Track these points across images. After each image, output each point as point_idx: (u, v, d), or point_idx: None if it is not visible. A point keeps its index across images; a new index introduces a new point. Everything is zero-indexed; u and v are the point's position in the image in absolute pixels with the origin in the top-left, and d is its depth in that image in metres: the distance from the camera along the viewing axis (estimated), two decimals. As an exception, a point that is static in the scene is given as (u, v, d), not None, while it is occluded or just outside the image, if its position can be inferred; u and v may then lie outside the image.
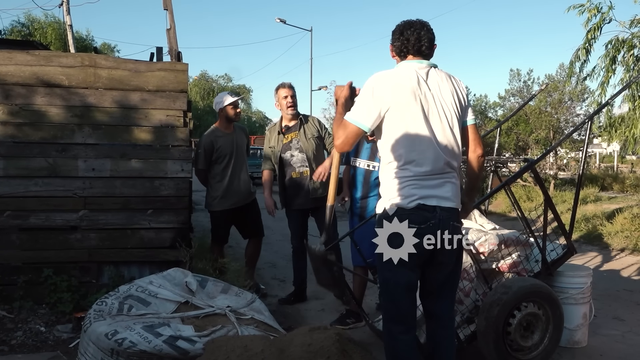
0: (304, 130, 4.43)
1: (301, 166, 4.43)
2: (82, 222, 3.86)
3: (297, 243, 4.60)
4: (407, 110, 2.29)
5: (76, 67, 3.81)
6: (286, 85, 4.47)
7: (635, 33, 7.36)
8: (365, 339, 3.67)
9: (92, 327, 2.72)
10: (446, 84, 2.39)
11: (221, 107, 4.53)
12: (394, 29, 2.47)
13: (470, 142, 2.46)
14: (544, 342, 3.15)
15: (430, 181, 2.28)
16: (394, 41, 2.46)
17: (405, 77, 2.33)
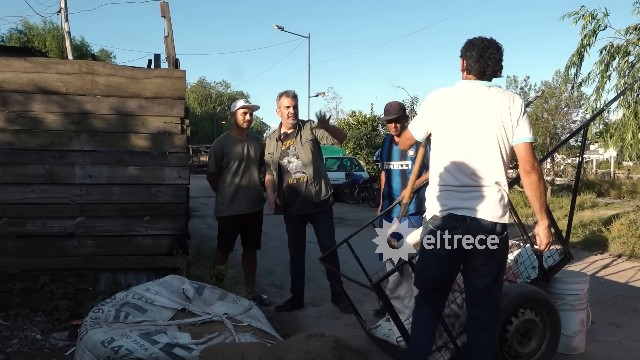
0: (300, 136, 4.44)
1: (297, 172, 4.43)
2: (78, 229, 3.85)
3: (295, 249, 4.62)
4: (444, 129, 2.56)
5: (74, 74, 3.81)
6: (290, 95, 4.46)
7: (630, 40, 7.42)
8: (363, 346, 3.67)
9: (88, 335, 2.71)
10: (493, 104, 2.49)
11: (232, 111, 4.60)
12: (463, 45, 2.62)
13: (518, 161, 2.52)
14: (542, 348, 3.15)
15: (462, 194, 2.50)
16: (461, 56, 2.62)
17: (451, 98, 2.57)
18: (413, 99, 24.34)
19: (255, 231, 4.71)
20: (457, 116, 2.52)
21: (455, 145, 2.53)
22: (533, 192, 2.50)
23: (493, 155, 2.49)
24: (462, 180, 2.50)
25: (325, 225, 4.48)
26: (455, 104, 2.54)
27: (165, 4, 4.37)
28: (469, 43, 2.59)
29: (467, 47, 2.59)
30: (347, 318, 4.23)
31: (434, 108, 2.61)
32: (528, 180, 2.49)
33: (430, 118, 2.63)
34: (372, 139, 22.33)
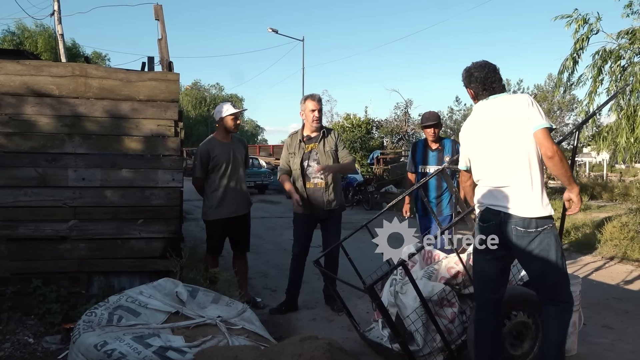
0: (324, 144, 4.55)
1: (315, 177, 4.54)
2: (71, 232, 3.84)
3: (299, 250, 4.65)
4: (474, 144, 2.92)
5: (67, 76, 3.80)
6: (315, 99, 4.57)
7: (622, 44, 7.47)
8: (357, 349, 3.67)
9: (81, 338, 2.70)
10: (503, 109, 2.78)
11: (221, 116, 4.55)
12: (464, 77, 2.95)
13: (539, 148, 2.68)
14: (534, 350, 3.17)
15: (495, 192, 2.78)
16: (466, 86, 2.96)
17: (473, 122, 2.93)
18: (407, 102, 24.42)
19: (244, 233, 4.71)
20: (482, 133, 2.85)
21: (482, 155, 2.87)
22: (558, 171, 2.67)
23: (516, 154, 2.71)
24: (494, 181, 2.79)
25: (332, 230, 4.58)
26: (478, 124, 2.88)
27: (159, 7, 4.38)
28: (470, 75, 2.90)
29: (469, 79, 2.91)
30: (341, 321, 4.23)
31: (466, 138, 2.99)
32: (551, 164, 2.65)
33: (465, 148, 3.00)
34: (367, 142, 22.35)
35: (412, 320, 3.14)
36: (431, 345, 3.14)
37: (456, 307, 3.22)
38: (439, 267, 3.44)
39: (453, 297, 3.23)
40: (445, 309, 3.20)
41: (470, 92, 2.95)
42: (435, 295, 3.17)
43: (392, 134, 24.58)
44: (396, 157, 21.33)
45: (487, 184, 2.84)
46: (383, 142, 24.50)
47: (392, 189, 16.06)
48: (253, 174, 19.29)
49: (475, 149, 2.91)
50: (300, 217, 4.66)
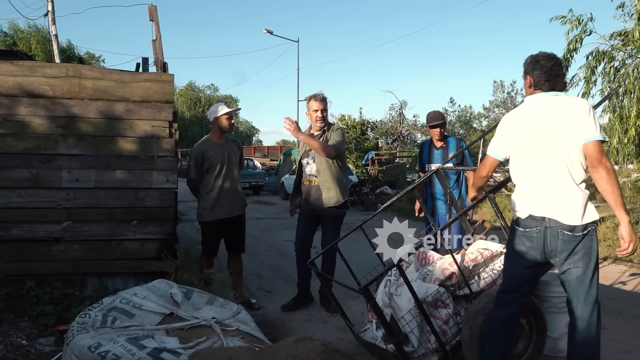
0: (322, 140, 4.54)
1: (310, 175, 4.61)
2: (65, 233, 3.83)
3: (299, 245, 4.71)
4: (521, 139, 2.76)
5: (61, 77, 3.79)
6: (318, 98, 4.57)
7: (615, 45, 7.53)
8: (352, 350, 3.67)
9: (75, 340, 2.68)
10: (560, 112, 2.66)
11: (215, 116, 4.53)
12: (528, 62, 2.80)
13: (587, 159, 2.61)
14: (528, 351, 3.18)
15: (539, 198, 2.68)
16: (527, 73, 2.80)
17: (524, 115, 2.78)
18: (402, 103, 24.48)
19: (239, 234, 4.71)
20: (531, 130, 2.72)
21: (534, 156, 2.72)
22: (602, 187, 2.57)
23: (568, 159, 2.63)
24: (538, 186, 2.70)
25: (329, 230, 4.57)
26: (529, 119, 2.75)
27: (154, 8, 4.37)
28: (536, 61, 2.77)
29: (533, 66, 2.77)
30: (336, 322, 4.24)
31: (511, 128, 2.83)
32: (596, 175, 2.58)
33: (509, 138, 2.84)
34: (361, 142, 22.40)
35: (407, 321, 3.15)
36: (425, 346, 3.15)
37: (450, 309, 3.23)
38: (434, 269, 3.45)
39: (447, 298, 3.24)
40: (439, 310, 3.21)
41: (528, 80, 2.80)
42: (429, 297, 3.18)
43: (386, 135, 24.64)
44: (391, 158, 21.38)
45: (529, 188, 2.74)
46: (378, 143, 24.56)
47: (387, 190, 16.09)
48: (248, 175, 19.29)
49: (521, 145, 2.77)
50: (301, 213, 4.78)
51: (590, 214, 2.64)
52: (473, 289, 3.33)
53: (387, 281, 3.55)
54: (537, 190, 2.71)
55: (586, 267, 2.68)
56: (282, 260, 7.01)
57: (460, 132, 24.72)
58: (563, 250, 2.65)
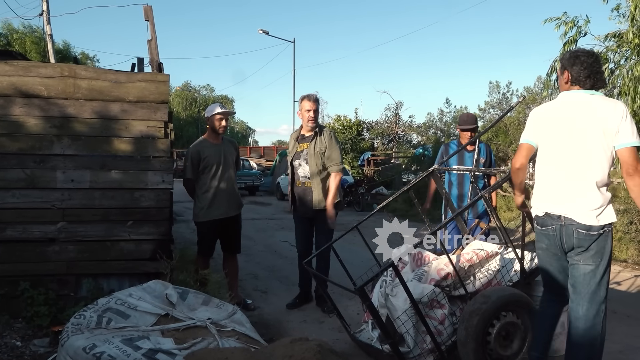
0: (315, 144, 4.55)
1: (304, 177, 4.62)
2: (60, 234, 3.81)
3: (302, 248, 4.75)
4: (546, 137, 2.77)
5: (55, 77, 3.78)
6: (311, 99, 4.59)
7: (610, 47, 7.55)
8: (347, 350, 3.68)
9: (69, 341, 2.67)
10: (597, 112, 2.63)
11: (208, 116, 4.56)
12: (567, 58, 2.79)
13: (621, 165, 2.62)
14: (523, 350, 3.19)
15: (558, 196, 2.72)
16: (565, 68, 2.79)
17: (558, 110, 2.76)
18: (397, 104, 24.49)
19: (235, 235, 4.70)
20: (563, 126, 2.70)
21: (559, 153, 2.72)
22: (637, 194, 2.59)
23: (594, 160, 2.63)
24: (559, 184, 2.72)
25: (323, 230, 4.60)
26: (562, 115, 2.73)
27: (149, 8, 4.36)
28: (576, 57, 2.75)
29: (573, 61, 2.74)
30: (332, 322, 4.24)
31: (542, 120, 2.81)
32: (631, 183, 2.59)
33: (539, 129, 2.82)
34: (357, 143, 22.39)
35: (403, 322, 3.15)
36: (421, 347, 3.15)
37: (446, 309, 3.24)
38: (429, 269, 3.45)
39: (443, 298, 3.25)
40: (435, 310, 3.21)
41: (566, 75, 2.77)
42: (425, 297, 3.18)
43: (382, 136, 24.65)
44: (387, 159, 21.39)
45: (549, 185, 2.76)
46: (374, 143, 24.56)
47: (382, 191, 16.09)
48: (244, 176, 19.27)
49: (549, 140, 2.76)
50: (295, 217, 4.80)
51: (609, 215, 2.67)
52: (468, 290, 3.34)
53: (383, 282, 3.55)
54: (557, 188, 2.73)
55: (596, 266, 2.70)
56: (278, 261, 7.01)
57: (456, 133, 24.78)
58: (577, 247, 2.70)
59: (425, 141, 21.78)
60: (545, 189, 2.79)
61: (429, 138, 21.24)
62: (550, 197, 2.75)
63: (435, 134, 21.57)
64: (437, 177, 4.25)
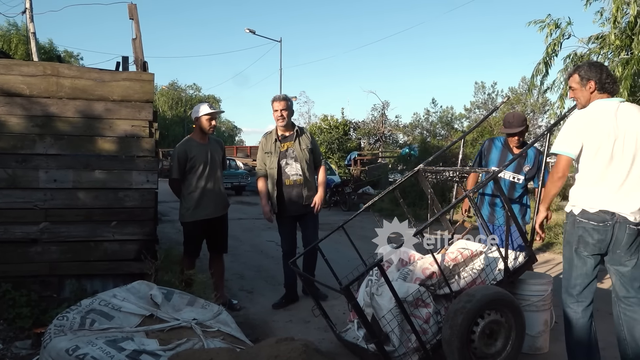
0: (299, 142, 4.72)
1: (295, 174, 4.71)
2: (43, 234, 3.76)
3: (287, 247, 4.80)
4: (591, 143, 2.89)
5: (38, 76, 3.73)
6: (278, 99, 4.71)
7: (593, 49, 7.66)
8: (333, 350, 3.69)
9: (52, 343, 2.64)
10: (632, 117, 2.88)
11: (196, 116, 4.53)
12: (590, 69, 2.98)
13: None
14: (507, 349, 3.21)
15: (613, 194, 2.88)
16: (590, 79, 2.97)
17: (597, 117, 2.91)
18: (384, 104, 24.59)
19: (221, 235, 4.69)
20: (609, 131, 2.86)
21: (609, 156, 2.88)
22: None
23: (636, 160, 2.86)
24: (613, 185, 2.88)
25: (311, 225, 4.78)
26: (601, 121, 2.89)
27: (133, 6, 4.33)
28: (601, 68, 2.99)
29: (600, 70, 2.97)
30: (318, 322, 4.23)
31: (585, 130, 2.92)
32: None
33: (583, 138, 2.92)
34: (344, 143, 22.46)
35: (388, 321, 3.16)
36: (406, 345, 3.17)
37: (431, 308, 3.25)
38: (414, 268, 3.47)
39: (428, 297, 3.27)
40: (420, 309, 3.23)
41: (590, 86, 2.97)
42: (410, 296, 3.20)
43: (369, 136, 24.74)
44: (373, 159, 21.47)
45: (603, 185, 2.90)
46: (360, 143, 24.64)
47: (369, 190, 16.15)
48: (230, 175, 19.19)
49: (599, 146, 2.89)
50: (280, 217, 4.83)
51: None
52: (453, 288, 3.36)
53: (369, 281, 3.57)
54: (611, 188, 2.88)
55: (637, 259, 2.94)
56: (264, 261, 7.00)
57: (442, 133, 24.94)
58: (626, 243, 2.88)
59: (411, 141, 21.91)
60: (597, 188, 2.92)
61: (415, 138, 21.37)
62: (604, 195, 2.89)
63: (422, 134, 21.72)
64: (423, 177, 4.26)
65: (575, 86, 3.06)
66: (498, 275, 3.52)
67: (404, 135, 24.81)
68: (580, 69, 3.02)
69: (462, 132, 16.53)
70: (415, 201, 10.79)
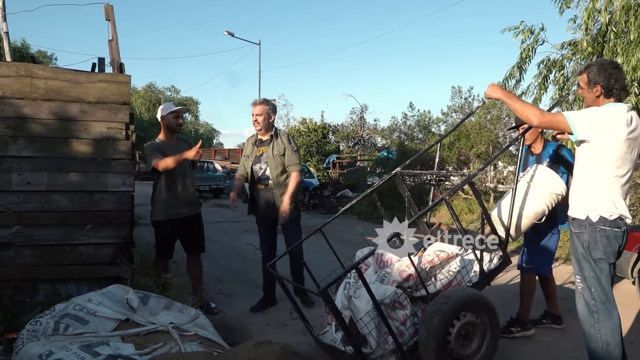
0: (272, 147, 4.69)
1: (265, 179, 4.72)
2: (15, 238, 3.69)
3: (266, 249, 4.83)
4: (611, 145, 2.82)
5: (11, 76, 3.66)
6: (253, 104, 4.75)
7: (566, 54, 7.84)
8: (311, 352, 3.69)
9: (24, 349, 2.60)
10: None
11: (163, 114, 4.50)
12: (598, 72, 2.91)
13: None
14: (482, 349, 3.26)
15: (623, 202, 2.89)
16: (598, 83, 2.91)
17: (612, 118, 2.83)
18: (363, 107, 24.72)
19: (197, 234, 4.68)
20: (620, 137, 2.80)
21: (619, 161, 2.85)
22: None
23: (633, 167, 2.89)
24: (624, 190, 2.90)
25: (291, 230, 4.73)
26: (617, 126, 2.81)
27: (110, 7, 4.28)
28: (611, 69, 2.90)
29: (609, 75, 2.89)
30: (295, 325, 4.24)
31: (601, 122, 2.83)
32: None
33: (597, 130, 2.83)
34: (323, 146, 22.50)
35: (365, 323, 3.18)
36: (384, 347, 3.19)
37: (408, 310, 3.29)
38: (391, 271, 3.50)
39: (405, 299, 3.30)
40: (397, 311, 3.26)
41: (597, 89, 2.92)
42: (387, 298, 3.23)
43: (348, 139, 24.83)
44: (352, 162, 21.55)
45: (619, 190, 2.88)
46: (339, 146, 24.71)
47: (347, 193, 16.21)
48: (208, 178, 19.06)
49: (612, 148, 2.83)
50: (258, 220, 4.87)
51: None
52: (430, 290, 3.40)
53: (347, 283, 3.58)
54: (621, 194, 2.89)
55: None
56: (242, 264, 6.97)
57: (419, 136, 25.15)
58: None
59: (389, 144, 22.03)
60: (614, 194, 2.88)
61: (393, 141, 21.50)
62: (619, 201, 2.88)
63: (399, 137, 21.86)
64: (400, 180, 4.30)
65: (582, 86, 3.01)
66: (473, 278, 3.58)
67: (382, 139, 24.94)
68: (590, 71, 2.94)
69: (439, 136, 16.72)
70: (393, 204, 10.85)
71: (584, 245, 2.94)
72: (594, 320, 2.92)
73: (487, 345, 3.28)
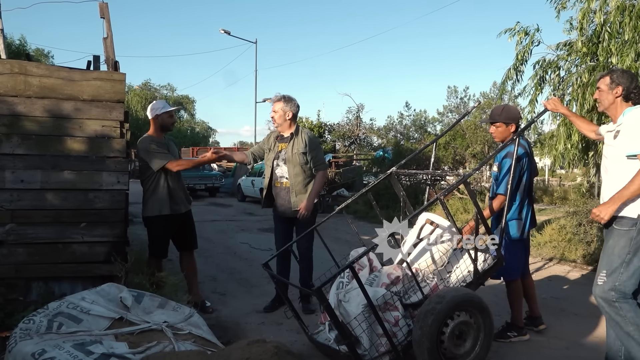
0: (293, 144, 4.61)
1: (282, 177, 4.67)
2: (8, 236, 3.67)
3: (280, 247, 4.66)
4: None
5: (5, 74, 3.64)
6: (272, 101, 4.73)
7: (561, 55, 7.86)
8: (305, 351, 3.69)
9: (17, 347, 2.59)
10: None
11: (158, 113, 4.49)
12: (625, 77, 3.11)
13: None
14: (476, 349, 3.27)
15: None
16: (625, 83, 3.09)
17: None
18: (359, 107, 24.73)
19: (190, 231, 4.68)
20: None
21: None
22: None
23: None
24: None
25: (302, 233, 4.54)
26: None
27: (105, 5, 4.26)
28: (633, 75, 3.11)
29: (631, 79, 3.10)
30: (290, 324, 4.24)
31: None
32: None
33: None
34: (319, 145, 22.47)
35: (359, 323, 3.19)
36: (377, 347, 3.20)
37: (399, 311, 3.29)
38: (380, 274, 3.51)
39: (396, 301, 3.30)
40: (389, 312, 3.26)
41: (617, 90, 3.10)
42: (380, 298, 3.23)
43: (344, 138, 24.84)
44: (348, 161, 21.55)
45: None
46: (335, 145, 24.72)
47: (344, 193, 16.20)
48: (204, 177, 19.01)
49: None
50: (275, 217, 4.83)
51: None
52: (425, 292, 3.41)
53: (340, 283, 3.58)
54: None
55: None
56: (238, 263, 6.96)
57: (415, 136, 25.20)
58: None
59: (385, 144, 22.07)
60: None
61: (389, 141, 21.54)
62: None
63: (395, 137, 21.92)
64: (395, 179, 4.31)
65: (603, 88, 3.18)
66: (467, 277, 3.58)
67: (378, 138, 24.99)
68: (614, 73, 3.16)
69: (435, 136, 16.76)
70: (389, 204, 10.86)
71: (631, 242, 3.02)
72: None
73: (481, 345, 3.29)
